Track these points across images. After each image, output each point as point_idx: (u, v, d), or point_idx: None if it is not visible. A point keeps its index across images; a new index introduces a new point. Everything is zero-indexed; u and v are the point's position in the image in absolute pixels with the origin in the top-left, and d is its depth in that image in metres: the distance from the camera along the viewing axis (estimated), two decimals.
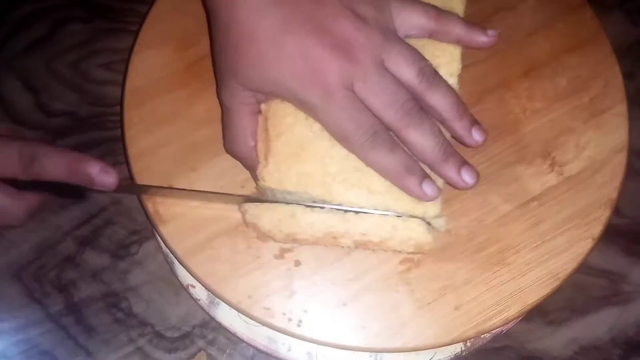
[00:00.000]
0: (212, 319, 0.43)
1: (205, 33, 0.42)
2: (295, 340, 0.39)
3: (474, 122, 0.36)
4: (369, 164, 0.35)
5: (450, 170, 0.35)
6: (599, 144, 0.40)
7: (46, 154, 0.34)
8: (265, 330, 0.39)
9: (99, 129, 0.49)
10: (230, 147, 0.37)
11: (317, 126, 0.35)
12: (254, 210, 0.35)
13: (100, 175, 0.34)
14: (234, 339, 0.44)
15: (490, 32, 0.37)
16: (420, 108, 0.35)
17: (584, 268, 0.41)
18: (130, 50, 0.41)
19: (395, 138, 0.35)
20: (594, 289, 0.47)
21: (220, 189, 0.38)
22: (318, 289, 0.36)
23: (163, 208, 0.37)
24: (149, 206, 0.38)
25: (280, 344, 0.42)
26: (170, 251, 0.37)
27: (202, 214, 0.37)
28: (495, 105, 0.41)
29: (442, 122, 0.36)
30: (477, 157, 0.39)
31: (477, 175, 0.35)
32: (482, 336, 0.42)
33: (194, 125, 0.40)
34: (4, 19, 0.52)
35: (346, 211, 0.35)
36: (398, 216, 0.35)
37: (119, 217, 0.47)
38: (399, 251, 0.36)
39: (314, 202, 0.35)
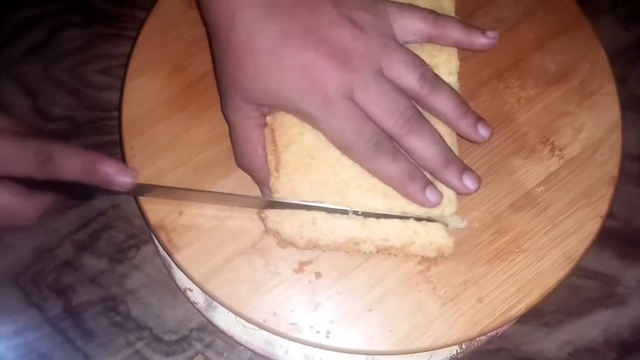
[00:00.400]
0: (210, 322, 0.43)
1: (195, 55, 0.42)
2: (292, 343, 0.39)
3: (479, 119, 0.36)
4: (372, 172, 0.35)
5: (451, 177, 0.35)
6: (594, 124, 0.41)
7: (63, 153, 0.33)
8: (262, 333, 0.40)
9: (97, 133, 0.50)
10: (241, 161, 0.37)
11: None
12: (275, 217, 0.35)
13: (118, 175, 0.34)
14: (231, 342, 0.44)
15: (490, 34, 0.38)
16: (421, 115, 0.35)
17: (578, 270, 0.42)
18: (123, 80, 0.41)
19: (397, 146, 0.35)
20: (587, 291, 0.47)
21: (230, 209, 0.38)
22: (342, 298, 0.37)
23: (176, 236, 0.37)
24: (162, 235, 0.37)
25: (278, 347, 0.42)
26: (189, 277, 0.37)
27: (216, 237, 0.37)
28: (490, 98, 0.42)
29: (447, 122, 0.36)
30: (478, 150, 0.40)
31: (479, 180, 0.36)
32: (477, 338, 0.42)
33: (196, 148, 0.39)
34: (2, 25, 0.53)
35: (367, 217, 0.35)
36: (418, 220, 0.35)
37: (117, 221, 0.47)
38: (421, 256, 0.37)
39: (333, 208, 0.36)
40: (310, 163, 0.35)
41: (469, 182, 0.35)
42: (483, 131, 0.36)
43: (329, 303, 0.36)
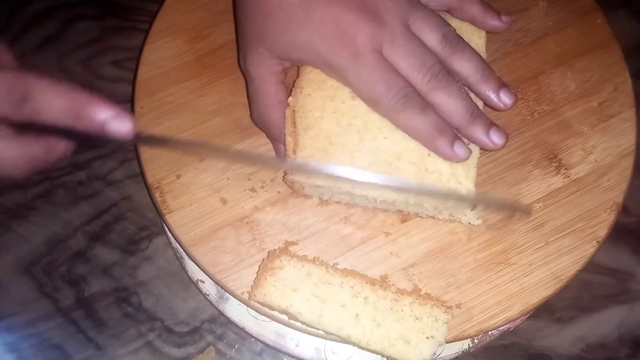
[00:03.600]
0: (221, 314, 0.43)
1: (217, 25, 0.42)
2: (304, 335, 0.39)
3: (502, 85, 0.36)
4: (399, 126, 0.35)
5: (478, 132, 0.35)
6: (606, 148, 0.40)
7: (43, 91, 0.27)
8: (273, 325, 0.40)
9: None
10: (258, 117, 0.37)
11: (345, 121, 0.35)
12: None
13: (113, 122, 0.27)
14: (242, 334, 0.44)
15: (504, 18, 0.38)
16: (447, 71, 0.35)
17: (592, 266, 0.41)
18: (144, 41, 0.42)
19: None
20: (601, 287, 0.47)
21: (226, 180, 0.38)
22: None
23: (170, 197, 0.38)
24: (157, 195, 0.38)
25: (289, 339, 0.42)
26: (176, 240, 0.38)
27: (209, 204, 0.38)
28: None
29: (469, 87, 0.36)
30: (482, 158, 0.39)
31: (506, 136, 0.35)
32: (489, 333, 0.42)
33: (203, 116, 0.40)
34: (16, 17, 0.53)
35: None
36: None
37: (129, 212, 0.47)
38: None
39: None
40: (328, 148, 0.35)
41: (495, 137, 0.35)
42: (506, 98, 0.36)
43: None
